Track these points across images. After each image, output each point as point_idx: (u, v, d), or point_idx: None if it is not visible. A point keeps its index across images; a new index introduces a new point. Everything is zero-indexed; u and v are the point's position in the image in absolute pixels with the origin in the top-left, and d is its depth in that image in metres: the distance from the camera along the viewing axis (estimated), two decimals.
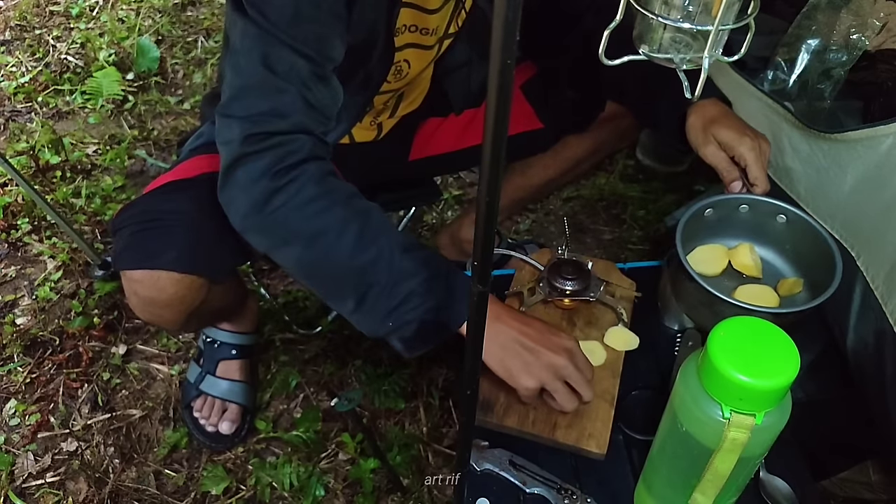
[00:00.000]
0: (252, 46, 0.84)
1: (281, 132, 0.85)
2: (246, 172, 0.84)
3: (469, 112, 1.28)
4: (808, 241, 0.97)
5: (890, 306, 0.91)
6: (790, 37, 1.18)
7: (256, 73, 0.84)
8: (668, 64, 0.69)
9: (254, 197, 0.85)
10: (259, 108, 0.84)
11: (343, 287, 0.87)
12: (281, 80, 0.84)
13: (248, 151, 0.84)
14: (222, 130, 0.87)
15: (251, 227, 0.88)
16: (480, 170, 0.46)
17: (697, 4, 0.62)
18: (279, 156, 0.84)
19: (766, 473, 0.87)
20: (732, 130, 0.98)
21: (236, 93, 0.86)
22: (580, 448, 0.90)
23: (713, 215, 1.00)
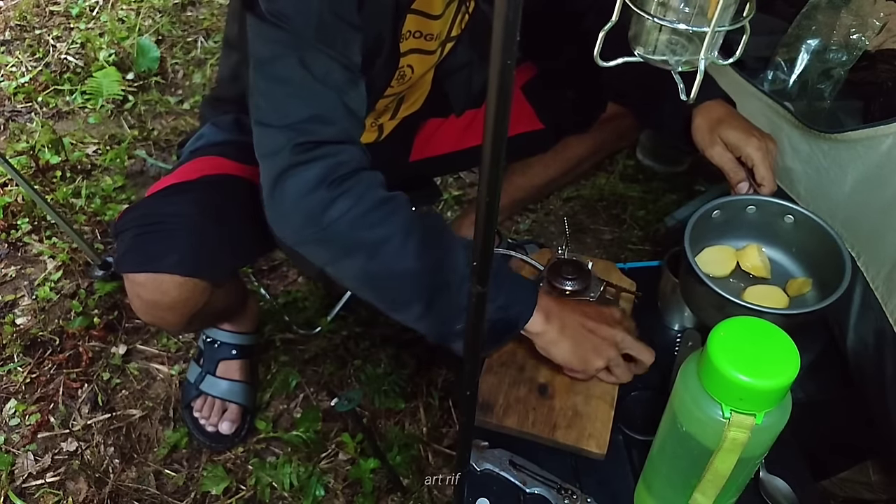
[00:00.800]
0: (283, 53, 0.81)
1: (329, 141, 0.82)
2: (298, 184, 0.81)
3: (469, 113, 1.28)
4: (816, 241, 0.96)
5: (890, 306, 0.91)
6: (790, 37, 1.18)
7: (294, 78, 0.81)
8: (664, 66, 0.69)
9: (310, 209, 0.81)
10: (301, 114, 0.81)
11: (410, 294, 0.84)
12: (319, 85, 0.81)
13: (298, 161, 0.81)
14: (263, 141, 0.83)
15: (309, 241, 0.84)
16: (480, 170, 0.46)
17: (693, 6, 0.62)
18: (331, 165, 0.81)
19: (766, 473, 0.87)
20: (739, 131, 0.97)
21: (273, 101, 0.83)
22: (580, 448, 0.90)
23: (720, 216, 0.99)
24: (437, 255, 0.83)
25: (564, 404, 0.94)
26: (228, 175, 1.06)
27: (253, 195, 1.08)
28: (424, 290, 0.83)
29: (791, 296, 0.97)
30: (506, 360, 0.99)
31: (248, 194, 1.08)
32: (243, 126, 1.13)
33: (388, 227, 0.82)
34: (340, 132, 0.83)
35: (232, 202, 1.04)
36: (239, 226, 1.03)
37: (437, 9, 0.99)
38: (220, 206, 1.01)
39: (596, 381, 0.97)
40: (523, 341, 1.01)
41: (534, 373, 0.98)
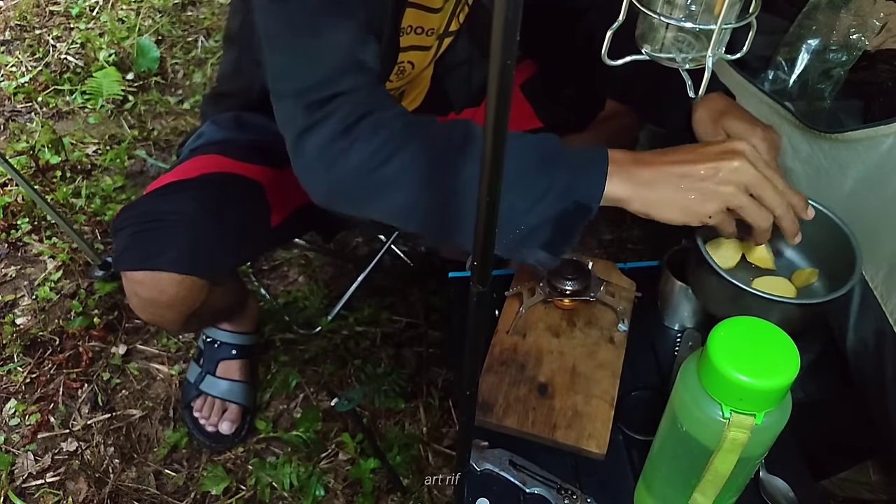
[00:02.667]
0: (289, 22, 0.79)
1: (339, 93, 0.79)
2: (314, 143, 0.79)
3: (468, 111, 1.28)
4: (824, 232, 0.94)
5: (889, 306, 0.91)
6: (791, 36, 1.18)
7: (301, 45, 0.79)
8: (671, 63, 0.69)
9: (329, 163, 0.78)
10: (310, 78, 0.79)
11: (460, 216, 0.77)
12: (328, 49, 0.79)
13: (311, 122, 0.79)
14: (279, 112, 0.82)
15: (337, 196, 0.81)
16: (481, 170, 0.46)
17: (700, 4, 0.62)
18: (342, 115, 0.78)
19: (766, 473, 0.87)
20: (743, 122, 0.95)
21: (283, 70, 0.81)
22: (580, 448, 0.90)
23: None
24: (473, 166, 0.74)
25: (564, 404, 0.94)
26: (228, 173, 1.06)
27: (253, 193, 1.08)
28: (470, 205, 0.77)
29: (798, 287, 0.96)
30: (506, 360, 0.99)
31: (248, 192, 1.08)
32: (243, 124, 1.13)
33: (406, 157, 0.76)
34: (352, 84, 0.80)
35: (231, 200, 1.03)
36: (238, 224, 1.03)
37: (437, 2, 0.99)
38: (219, 204, 1.01)
39: (596, 381, 0.97)
40: (526, 337, 1.02)
41: (534, 372, 0.98)
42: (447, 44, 1.09)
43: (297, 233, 1.36)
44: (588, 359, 1.00)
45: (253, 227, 1.08)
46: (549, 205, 0.73)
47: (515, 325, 1.03)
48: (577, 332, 1.03)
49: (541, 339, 1.02)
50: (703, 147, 0.78)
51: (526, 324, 1.04)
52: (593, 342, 1.02)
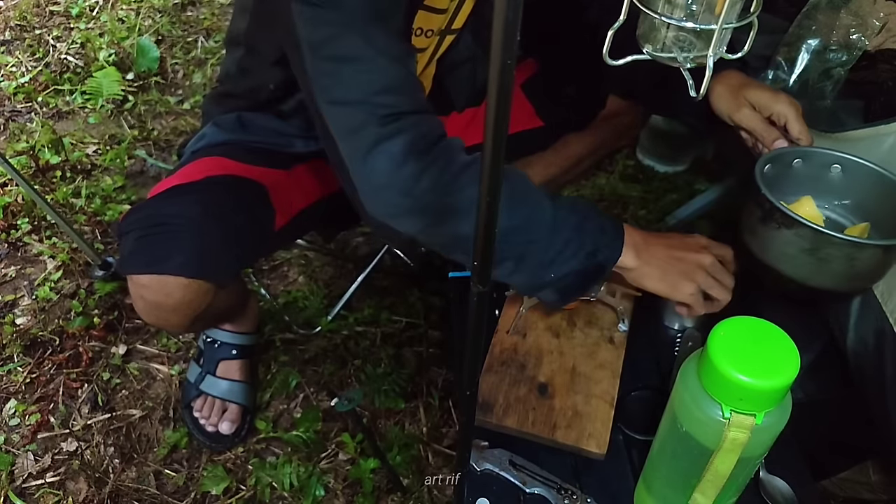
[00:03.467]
0: (341, 31, 0.81)
1: (409, 111, 0.83)
2: (387, 158, 0.82)
3: (469, 111, 1.28)
4: (873, 186, 0.94)
5: (890, 306, 0.91)
6: (791, 36, 1.18)
7: (358, 54, 0.81)
8: (672, 63, 0.69)
9: (402, 182, 0.82)
10: (374, 87, 0.82)
11: (501, 253, 0.84)
12: (384, 57, 0.82)
13: (384, 135, 0.81)
14: (339, 119, 0.84)
15: (402, 213, 0.85)
16: (481, 170, 0.46)
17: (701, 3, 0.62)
18: (415, 136, 0.82)
19: (766, 473, 0.87)
20: (765, 91, 0.97)
21: (342, 79, 0.83)
22: (580, 448, 0.90)
23: (770, 171, 0.96)
24: (525, 211, 0.84)
25: (564, 404, 0.94)
26: (232, 176, 1.06)
27: (257, 196, 1.08)
28: (514, 247, 0.84)
29: None
30: (506, 360, 0.99)
31: (252, 195, 1.08)
32: (246, 125, 1.13)
33: (475, 191, 0.81)
34: (415, 101, 0.85)
35: (236, 203, 1.04)
36: (243, 227, 1.03)
37: (443, 3, 0.99)
38: (223, 207, 1.01)
39: (596, 381, 0.97)
40: (526, 337, 1.02)
41: (534, 372, 0.98)
42: (449, 42, 1.09)
43: (299, 234, 1.36)
44: (588, 359, 1.00)
45: (257, 230, 1.08)
46: (578, 260, 0.86)
47: (515, 325, 1.03)
48: (577, 332, 1.03)
49: (541, 339, 1.02)
50: (685, 239, 0.94)
51: (526, 324, 1.04)
52: (593, 342, 1.02)
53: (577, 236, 0.85)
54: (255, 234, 1.08)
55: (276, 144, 1.13)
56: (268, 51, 1.03)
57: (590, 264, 0.86)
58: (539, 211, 0.84)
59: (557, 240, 0.84)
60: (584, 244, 0.85)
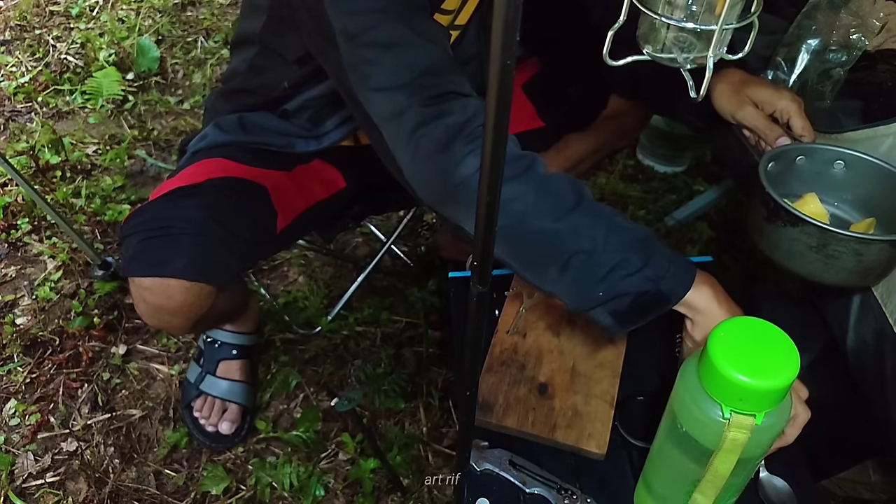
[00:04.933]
0: (380, 19, 0.80)
1: (451, 92, 0.81)
2: (431, 140, 0.80)
3: None
4: (877, 181, 0.94)
5: (890, 306, 0.91)
6: (790, 37, 1.18)
7: (400, 39, 0.80)
8: (672, 64, 0.69)
9: (444, 165, 0.80)
10: (416, 71, 0.81)
11: (542, 256, 0.81)
12: (426, 41, 0.81)
13: (428, 116, 0.80)
14: (383, 105, 0.83)
15: (445, 198, 0.83)
16: (481, 170, 0.46)
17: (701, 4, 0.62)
18: (461, 120, 0.80)
19: (767, 473, 0.87)
20: (767, 88, 0.97)
21: (384, 65, 0.81)
22: (580, 448, 0.90)
23: (774, 168, 0.96)
24: (575, 219, 0.79)
25: (564, 404, 0.94)
26: (233, 178, 1.06)
27: (259, 198, 1.08)
28: (559, 253, 0.79)
29: None
30: (506, 360, 0.99)
31: (254, 197, 1.08)
32: (247, 126, 1.13)
33: (521, 184, 0.79)
34: (458, 83, 0.83)
35: (238, 206, 1.04)
36: (245, 231, 1.03)
37: (454, 3, 0.99)
38: (225, 209, 1.01)
39: (596, 381, 0.97)
40: (526, 337, 1.02)
41: (534, 372, 0.98)
42: (452, 38, 1.09)
43: (301, 235, 1.36)
44: (588, 359, 1.00)
45: (259, 233, 1.08)
46: (637, 281, 0.78)
47: (516, 325, 1.03)
48: (577, 332, 1.03)
49: (541, 338, 1.02)
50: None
51: (526, 324, 1.04)
52: (593, 342, 1.02)
53: (637, 258, 0.78)
54: (258, 236, 1.08)
55: (276, 145, 1.13)
56: (287, 49, 1.02)
57: (649, 290, 0.79)
58: (586, 224, 0.79)
59: (608, 258, 0.78)
60: (647, 264, 0.78)
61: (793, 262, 0.90)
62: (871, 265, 0.86)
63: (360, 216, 1.39)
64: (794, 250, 0.88)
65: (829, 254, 0.84)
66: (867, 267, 0.86)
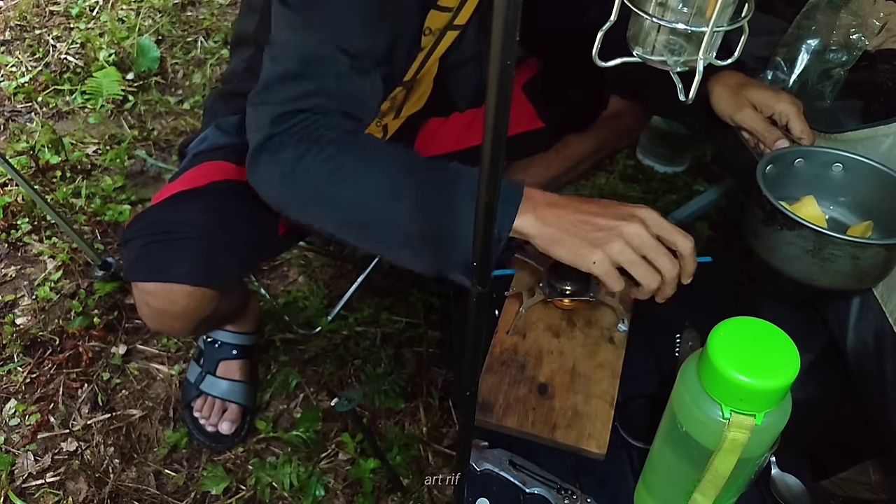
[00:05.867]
0: (290, 38, 0.83)
1: (309, 109, 0.83)
2: (271, 149, 0.83)
3: (470, 112, 1.28)
4: (875, 184, 0.94)
5: (889, 306, 0.91)
6: (790, 37, 1.18)
7: (293, 64, 0.83)
8: (662, 66, 0.69)
9: (281, 169, 0.83)
10: (290, 94, 0.83)
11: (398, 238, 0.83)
12: (315, 74, 0.83)
13: (276, 131, 0.83)
14: (252, 118, 0.86)
15: (286, 200, 0.86)
16: (480, 170, 0.46)
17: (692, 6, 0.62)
18: (304, 127, 0.83)
19: (778, 471, 0.87)
20: (765, 90, 0.97)
21: (270, 82, 0.85)
22: (580, 448, 0.90)
23: (772, 171, 0.96)
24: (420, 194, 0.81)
25: (564, 404, 0.94)
26: (236, 181, 1.06)
27: (260, 202, 1.08)
28: (413, 230, 0.81)
29: None
30: (506, 360, 0.99)
31: (256, 201, 1.08)
32: None
33: (359, 175, 0.82)
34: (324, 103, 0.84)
35: (239, 209, 1.04)
36: (247, 235, 1.03)
37: (453, 1, 0.99)
38: (228, 213, 1.01)
39: (596, 381, 0.97)
40: (526, 337, 1.02)
41: (534, 372, 0.98)
42: (451, 38, 1.09)
43: (302, 237, 1.36)
44: (588, 359, 1.00)
45: (261, 236, 1.08)
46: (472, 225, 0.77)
47: (515, 325, 1.03)
48: (577, 332, 1.03)
49: (541, 339, 1.02)
50: (614, 205, 0.82)
51: (526, 324, 1.04)
52: (593, 342, 1.02)
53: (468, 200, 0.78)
54: (260, 239, 1.08)
55: None
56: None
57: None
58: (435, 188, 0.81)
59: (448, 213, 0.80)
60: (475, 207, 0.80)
61: (789, 266, 0.90)
62: (867, 268, 0.86)
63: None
64: (791, 254, 0.89)
65: (825, 257, 0.85)
66: (863, 270, 0.86)
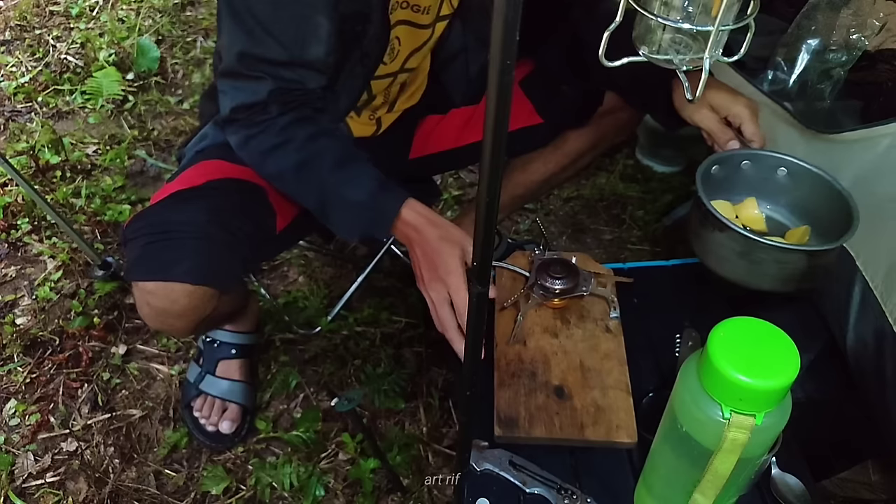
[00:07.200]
0: (231, 31, 0.92)
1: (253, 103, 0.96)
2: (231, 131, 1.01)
3: (468, 109, 1.28)
4: (815, 190, 0.97)
5: (889, 305, 0.91)
6: (790, 37, 1.18)
7: (232, 61, 0.94)
8: (668, 65, 0.69)
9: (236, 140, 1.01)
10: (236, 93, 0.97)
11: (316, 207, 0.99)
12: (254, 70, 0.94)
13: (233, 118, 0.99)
14: (221, 96, 0.99)
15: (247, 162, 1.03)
16: (480, 170, 0.46)
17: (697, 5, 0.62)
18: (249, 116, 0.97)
19: (779, 471, 0.87)
20: (724, 93, 1.00)
21: (222, 72, 0.98)
22: (612, 442, 0.90)
23: (719, 172, 1.00)
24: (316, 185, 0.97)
25: (584, 402, 0.93)
26: (234, 179, 1.07)
27: (258, 199, 1.09)
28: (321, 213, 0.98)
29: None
30: (515, 371, 0.98)
31: (253, 198, 1.08)
32: None
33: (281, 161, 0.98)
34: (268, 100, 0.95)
35: (239, 208, 1.04)
36: (246, 233, 1.03)
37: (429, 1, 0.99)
38: (227, 212, 1.02)
39: (607, 372, 0.97)
40: (527, 344, 1.01)
41: (546, 377, 0.97)
42: (441, 29, 1.09)
43: (301, 236, 1.36)
44: (592, 352, 1.00)
45: (260, 234, 1.08)
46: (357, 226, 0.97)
47: (514, 335, 1.02)
48: (573, 329, 1.03)
49: (541, 342, 1.02)
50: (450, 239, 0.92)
51: (523, 331, 1.03)
52: (592, 335, 1.02)
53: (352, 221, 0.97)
54: (259, 237, 1.08)
55: None
56: None
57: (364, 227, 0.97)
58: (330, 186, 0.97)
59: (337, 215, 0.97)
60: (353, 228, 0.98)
61: (721, 267, 0.94)
62: (791, 273, 0.89)
63: None
64: (722, 255, 0.92)
65: (754, 260, 0.87)
66: (788, 274, 0.88)
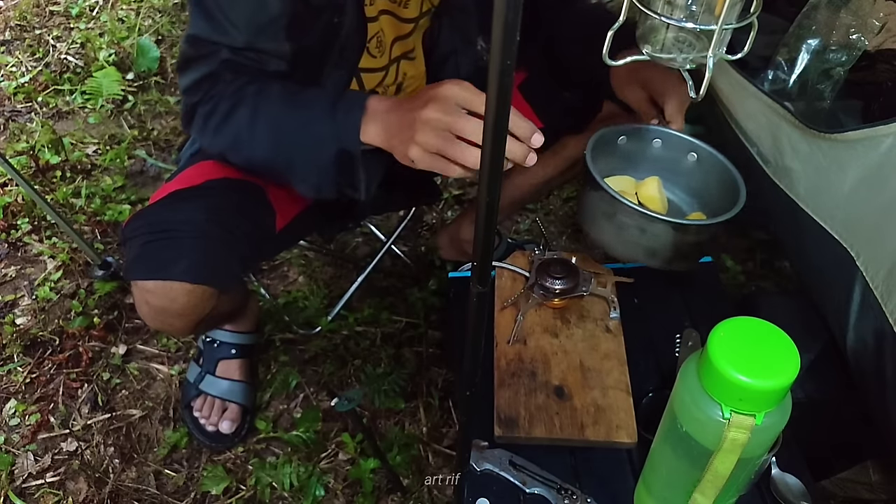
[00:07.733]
0: (191, 22, 0.91)
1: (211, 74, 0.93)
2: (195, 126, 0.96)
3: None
4: (716, 179, 0.99)
5: (890, 306, 0.91)
6: (790, 36, 1.18)
7: (187, 49, 0.93)
8: (672, 64, 0.69)
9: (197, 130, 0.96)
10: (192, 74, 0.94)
11: (279, 170, 0.93)
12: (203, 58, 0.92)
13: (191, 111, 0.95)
14: (181, 95, 0.97)
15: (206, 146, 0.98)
16: (480, 170, 0.46)
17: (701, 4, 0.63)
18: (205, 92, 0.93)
19: (778, 471, 0.87)
20: (656, 72, 1.01)
21: (178, 66, 0.97)
22: (612, 442, 0.90)
23: (627, 144, 1.01)
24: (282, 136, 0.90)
25: (584, 402, 0.94)
26: (232, 179, 1.07)
27: (257, 198, 1.09)
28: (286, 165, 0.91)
29: None
30: (515, 371, 0.98)
31: (253, 197, 1.08)
32: None
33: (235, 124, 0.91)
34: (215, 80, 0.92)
35: (238, 207, 1.04)
36: (246, 232, 1.04)
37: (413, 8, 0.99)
38: (226, 212, 1.02)
39: (606, 372, 0.96)
40: (528, 344, 1.02)
41: (546, 377, 0.97)
42: (424, 26, 1.09)
43: (300, 235, 1.36)
44: (592, 352, 1.00)
45: (259, 233, 1.08)
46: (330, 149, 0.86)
47: (515, 335, 1.02)
48: (573, 329, 1.03)
49: (541, 342, 1.02)
50: (422, 92, 0.80)
51: (523, 330, 1.03)
52: (591, 335, 1.02)
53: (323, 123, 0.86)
54: (258, 236, 1.08)
55: None
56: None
57: (341, 149, 0.86)
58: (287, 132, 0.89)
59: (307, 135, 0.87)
60: (330, 130, 0.85)
61: (592, 228, 0.94)
62: (654, 244, 0.89)
63: (360, 216, 1.39)
64: (592, 215, 0.93)
65: (619, 224, 0.89)
66: (651, 245, 0.89)
